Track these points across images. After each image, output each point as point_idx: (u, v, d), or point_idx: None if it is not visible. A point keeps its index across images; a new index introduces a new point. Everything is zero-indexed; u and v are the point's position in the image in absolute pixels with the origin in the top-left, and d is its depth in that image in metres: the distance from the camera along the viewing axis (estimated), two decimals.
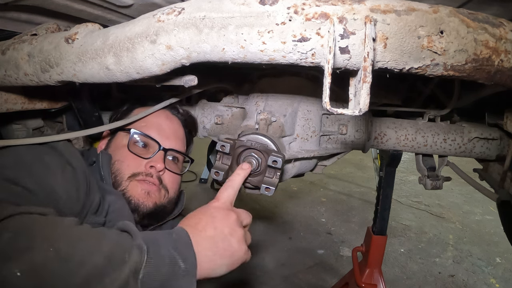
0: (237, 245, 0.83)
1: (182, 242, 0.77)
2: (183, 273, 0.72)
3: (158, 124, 1.22)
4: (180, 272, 0.72)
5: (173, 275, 0.71)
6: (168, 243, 0.75)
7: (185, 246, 0.76)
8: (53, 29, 0.98)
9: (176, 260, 0.72)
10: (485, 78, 0.71)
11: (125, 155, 1.14)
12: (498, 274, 3.53)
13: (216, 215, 0.85)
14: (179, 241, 0.77)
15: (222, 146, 1.00)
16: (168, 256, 0.72)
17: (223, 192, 0.92)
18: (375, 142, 1.45)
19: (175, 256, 0.73)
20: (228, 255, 0.82)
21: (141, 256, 0.69)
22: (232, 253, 0.82)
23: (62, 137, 1.03)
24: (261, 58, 0.69)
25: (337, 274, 3.29)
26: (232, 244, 0.83)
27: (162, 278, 0.70)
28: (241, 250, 0.84)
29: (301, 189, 5.51)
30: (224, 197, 0.91)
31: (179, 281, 0.72)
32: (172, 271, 0.71)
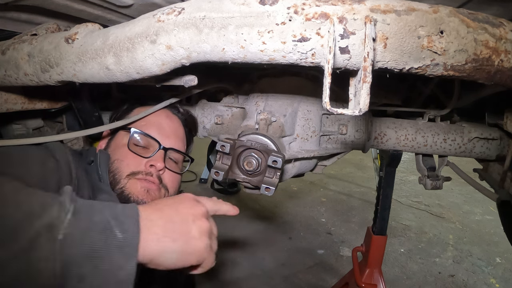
0: (197, 234, 0.73)
1: (126, 213, 0.68)
2: (119, 244, 0.63)
3: (158, 123, 1.23)
4: (115, 243, 0.63)
5: (105, 245, 0.62)
6: (108, 211, 0.66)
7: (128, 217, 0.67)
8: (53, 29, 0.98)
9: (111, 228, 0.63)
10: (485, 78, 0.71)
11: (125, 154, 1.15)
12: (498, 274, 3.53)
13: (185, 202, 0.77)
14: (123, 211, 0.68)
15: (222, 146, 1.00)
16: (102, 223, 0.64)
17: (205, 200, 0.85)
18: (375, 142, 1.45)
19: (111, 224, 0.64)
20: (182, 240, 0.71)
21: (60, 212, 0.61)
22: (188, 239, 0.72)
23: (61, 137, 1.04)
24: (261, 58, 0.69)
25: (337, 274, 3.29)
26: (191, 230, 0.73)
27: (90, 245, 0.61)
28: (201, 241, 0.73)
29: (301, 189, 5.51)
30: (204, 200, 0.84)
31: (112, 252, 0.62)
32: (104, 240, 0.62)
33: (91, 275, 0.61)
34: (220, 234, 0.84)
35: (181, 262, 0.72)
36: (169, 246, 0.69)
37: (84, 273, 0.60)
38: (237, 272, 3.28)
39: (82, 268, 0.60)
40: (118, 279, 0.62)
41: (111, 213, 0.66)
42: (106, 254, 0.62)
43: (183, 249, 0.71)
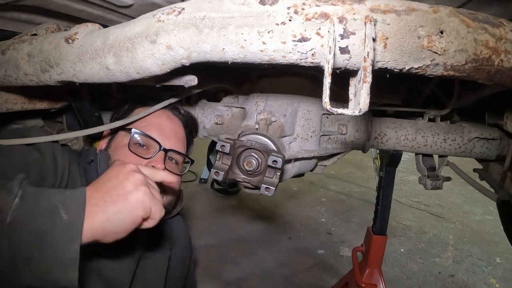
0: (132, 187, 0.75)
1: (73, 197, 0.70)
2: (64, 226, 0.65)
3: (159, 124, 1.22)
4: (60, 225, 0.65)
5: (51, 227, 0.64)
6: (57, 196, 0.69)
7: (74, 200, 0.69)
8: (53, 29, 0.98)
9: (57, 210, 0.66)
10: (485, 78, 0.71)
11: (125, 155, 1.15)
12: (498, 274, 3.53)
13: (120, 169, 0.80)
14: (70, 195, 0.70)
15: (222, 146, 1.00)
16: (48, 206, 0.66)
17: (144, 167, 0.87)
18: (375, 142, 1.45)
19: (57, 206, 0.66)
20: (121, 198, 0.73)
21: (7, 196, 0.63)
22: (125, 194, 0.74)
23: (62, 137, 1.04)
24: (261, 58, 0.69)
25: (337, 274, 3.29)
26: (126, 187, 0.75)
27: (37, 228, 0.63)
28: (138, 191, 0.75)
29: (301, 189, 5.51)
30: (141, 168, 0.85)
31: (58, 235, 0.64)
32: (50, 222, 0.65)
33: (38, 257, 0.63)
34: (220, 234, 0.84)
35: (130, 218, 0.74)
36: (111, 209, 0.72)
37: (32, 255, 0.63)
38: (237, 272, 3.28)
39: (29, 250, 0.62)
40: (64, 260, 0.65)
41: (59, 198, 0.68)
42: (52, 236, 0.64)
43: (126, 205, 0.73)
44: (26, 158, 0.92)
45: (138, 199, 0.75)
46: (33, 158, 0.93)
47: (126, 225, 0.74)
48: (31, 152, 0.95)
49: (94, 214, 0.69)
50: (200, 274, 3.03)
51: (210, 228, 4.00)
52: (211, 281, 3.10)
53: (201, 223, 4.06)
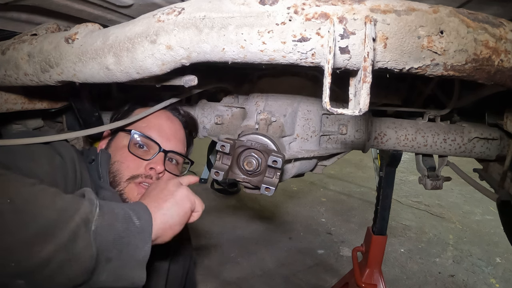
0: (174, 188, 0.92)
1: (139, 206, 0.83)
2: (137, 230, 0.77)
3: (159, 125, 1.22)
4: (135, 229, 0.76)
5: (128, 231, 0.75)
6: (125, 205, 0.81)
7: (141, 207, 0.82)
8: (53, 29, 0.98)
9: (130, 217, 0.77)
10: (485, 78, 0.71)
11: (125, 156, 1.14)
12: (498, 274, 3.53)
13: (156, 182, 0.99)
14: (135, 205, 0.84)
15: (222, 146, 1.00)
16: (123, 214, 0.77)
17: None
18: (375, 142, 1.45)
19: (130, 214, 0.78)
20: (170, 197, 0.89)
21: (92, 207, 0.73)
22: (172, 193, 0.90)
23: (61, 137, 1.04)
24: (261, 58, 0.69)
25: (337, 274, 3.29)
26: (170, 188, 0.92)
27: (116, 233, 0.74)
28: (181, 190, 0.92)
29: (301, 189, 5.51)
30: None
31: (133, 237, 0.76)
32: (127, 227, 0.75)
33: (116, 257, 0.74)
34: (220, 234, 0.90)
35: (182, 210, 0.90)
36: (165, 205, 0.87)
37: (111, 255, 0.73)
38: (237, 272, 3.28)
39: (110, 252, 0.73)
40: (137, 259, 0.76)
41: (127, 206, 0.80)
42: (128, 239, 0.75)
43: (175, 200, 0.90)
44: (52, 164, 0.94)
45: (183, 194, 0.92)
46: (58, 163, 0.95)
47: (180, 217, 0.89)
48: (54, 156, 0.97)
49: (154, 214, 0.83)
50: (200, 274, 3.03)
51: (210, 228, 4.00)
52: (211, 281, 3.10)
53: (201, 223, 4.06)
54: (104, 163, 1.12)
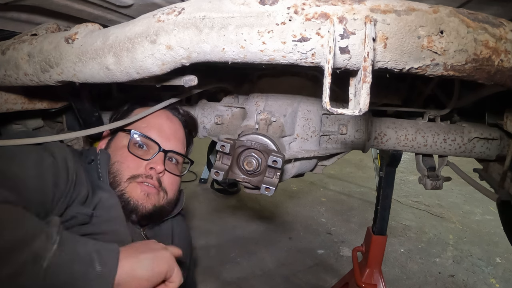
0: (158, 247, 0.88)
1: (107, 249, 0.76)
2: (97, 277, 0.70)
3: (159, 125, 1.22)
4: (94, 275, 0.70)
5: (85, 275, 0.69)
6: (92, 245, 0.74)
7: (109, 253, 0.75)
8: (53, 29, 0.98)
9: (92, 261, 0.71)
10: (485, 78, 0.71)
11: (124, 156, 1.14)
12: (498, 274, 3.53)
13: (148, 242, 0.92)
14: (104, 247, 0.76)
15: (222, 146, 1.00)
16: (84, 256, 0.71)
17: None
18: (375, 142, 1.45)
19: (93, 257, 0.71)
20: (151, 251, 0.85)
21: (47, 243, 0.67)
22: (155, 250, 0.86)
23: (61, 137, 1.04)
24: (261, 58, 0.69)
25: (337, 274, 3.29)
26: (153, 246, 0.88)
27: (71, 275, 0.67)
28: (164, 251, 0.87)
29: (301, 189, 5.50)
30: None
31: (90, 282, 0.69)
32: (85, 271, 0.69)
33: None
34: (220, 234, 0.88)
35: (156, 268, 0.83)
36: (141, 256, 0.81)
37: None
38: (237, 272, 3.28)
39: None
40: None
41: (95, 247, 0.73)
42: (84, 283, 0.68)
43: (154, 256, 0.84)
44: (41, 165, 0.91)
45: (165, 256, 0.86)
46: (48, 164, 0.93)
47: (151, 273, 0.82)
48: (46, 157, 0.94)
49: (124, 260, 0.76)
50: (200, 274, 3.03)
51: (210, 228, 4.00)
52: (211, 281, 3.10)
53: (201, 223, 4.06)
54: (104, 163, 1.12)
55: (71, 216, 0.94)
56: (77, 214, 0.95)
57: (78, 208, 0.96)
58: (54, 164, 0.94)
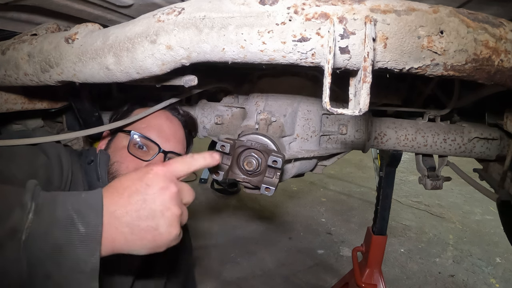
0: (165, 229, 0.69)
1: (89, 205, 0.65)
2: (81, 239, 0.62)
3: (159, 126, 1.22)
4: (77, 238, 0.62)
5: (68, 239, 0.61)
6: (70, 203, 0.65)
7: (91, 209, 0.65)
8: (53, 29, 0.98)
9: (73, 222, 0.62)
10: (485, 78, 0.71)
11: (124, 157, 1.14)
12: (498, 274, 3.53)
13: (152, 184, 0.70)
14: (85, 202, 0.65)
15: (222, 146, 1.00)
16: (64, 218, 0.62)
17: (175, 163, 0.77)
18: (375, 142, 1.45)
19: (73, 218, 0.63)
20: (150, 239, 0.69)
21: (22, 214, 0.60)
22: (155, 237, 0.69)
23: (62, 137, 1.04)
24: (261, 58, 0.69)
25: (337, 274, 3.29)
26: (159, 227, 0.69)
27: (53, 241, 0.61)
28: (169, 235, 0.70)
29: (301, 189, 5.51)
30: (172, 167, 0.75)
31: (75, 248, 0.61)
32: (67, 235, 0.61)
33: (57, 272, 0.61)
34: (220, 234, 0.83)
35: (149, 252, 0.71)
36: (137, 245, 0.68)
37: (49, 270, 0.61)
38: (237, 272, 3.28)
39: (46, 266, 0.60)
40: (83, 274, 0.62)
41: (74, 206, 0.64)
42: (69, 249, 0.61)
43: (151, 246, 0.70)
44: (34, 163, 0.91)
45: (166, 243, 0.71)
46: (41, 162, 0.92)
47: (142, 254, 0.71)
48: (39, 155, 0.94)
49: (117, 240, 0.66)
50: (200, 274, 3.03)
51: (210, 228, 4.00)
52: (211, 281, 3.10)
53: (201, 223, 4.06)
54: (103, 163, 1.12)
55: None
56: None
57: None
58: (47, 162, 0.93)
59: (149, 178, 0.71)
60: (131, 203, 0.67)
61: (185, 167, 0.78)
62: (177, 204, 0.72)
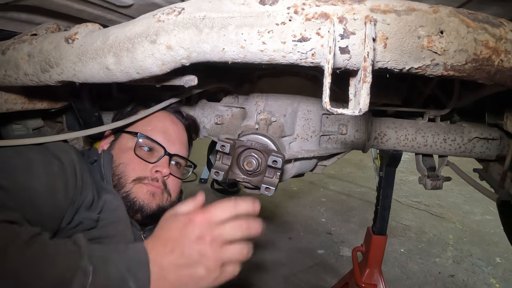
0: (204, 273, 0.76)
1: (138, 262, 0.73)
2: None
3: (164, 129, 1.23)
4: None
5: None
6: (122, 261, 0.72)
7: (139, 265, 0.72)
8: (53, 29, 0.98)
9: (126, 281, 0.69)
10: (485, 78, 0.71)
11: (130, 158, 1.15)
12: (498, 274, 3.53)
13: (190, 235, 0.77)
14: (134, 260, 0.73)
15: (222, 146, 1.00)
16: (118, 278, 0.69)
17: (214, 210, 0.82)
18: (375, 142, 1.45)
19: (126, 277, 0.70)
20: (193, 283, 0.76)
21: (85, 279, 0.66)
22: (197, 281, 0.76)
23: (61, 137, 1.03)
24: (261, 58, 0.69)
25: (337, 274, 3.29)
26: (198, 272, 0.76)
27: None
28: (209, 277, 0.77)
29: (301, 189, 5.50)
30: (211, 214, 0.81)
31: None
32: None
33: None
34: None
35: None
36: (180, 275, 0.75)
37: None
38: None
39: None
40: None
41: (125, 263, 0.71)
42: None
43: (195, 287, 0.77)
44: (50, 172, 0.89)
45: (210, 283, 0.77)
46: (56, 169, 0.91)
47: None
48: (52, 162, 0.92)
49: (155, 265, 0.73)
50: None
51: None
52: None
53: None
54: (107, 164, 1.12)
55: (77, 222, 0.93)
56: (84, 219, 0.94)
57: (84, 213, 0.95)
58: (62, 170, 0.92)
59: (188, 229, 0.78)
60: (173, 254, 0.75)
61: (226, 213, 0.82)
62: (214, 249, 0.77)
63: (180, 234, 0.77)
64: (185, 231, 0.77)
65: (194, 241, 0.76)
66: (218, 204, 0.83)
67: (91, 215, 0.97)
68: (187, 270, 0.75)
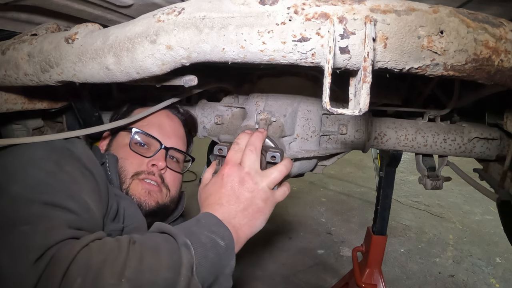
0: (263, 204, 0.90)
1: (214, 223, 0.82)
2: (224, 250, 0.79)
3: (159, 123, 1.23)
4: (222, 251, 0.79)
5: (218, 256, 0.77)
6: (203, 229, 0.80)
7: (218, 226, 0.82)
8: (53, 29, 0.98)
9: (216, 241, 0.79)
10: (485, 78, 0.71)
11: (127, 154, 1.15)
12: (498, 274, 3.53)
13: (233, 184, 0.88)
14: (210, 223, 0.82)
15: (220, 149, 1.01)
16: (209, 241, 0.78)
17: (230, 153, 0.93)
18: (375, 142, 1.45)
19: (214, 239, 0.79)
20: (260, 214, 0.90)
21: (190, 252, 0.74)
22: (262, 211, 0.90)
23: (61, 137, 1.03)
24: (261, 58, 0.69)
25: (337, 274, 3.29)
26: (259, 205, 0.89)
27: (210, 263, 0.76)
28: (268, 202, 0.91)
29: (301, 189, 5.51)
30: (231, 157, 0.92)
31: (222, 258, 0.78)
32: (216, 253, 0.78)
33: (214, 282, 0.78)
34: None
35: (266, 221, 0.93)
36: (257, 224, 0.90)
37: (211, 282, 0.78)
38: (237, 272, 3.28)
39: (209, 280, 0.77)
40: (227, 274, 0.80)
41: (206, 230, 0.80)
42: (221, 262, 0.78)
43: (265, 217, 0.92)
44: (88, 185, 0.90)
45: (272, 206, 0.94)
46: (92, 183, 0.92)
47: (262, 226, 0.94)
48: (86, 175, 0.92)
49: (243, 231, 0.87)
50: None
51: None
52: None
53: None
54: (113, 165, 1.12)
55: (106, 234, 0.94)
56: (112, 232, 0.95)
57: (111, 225, 0.96)
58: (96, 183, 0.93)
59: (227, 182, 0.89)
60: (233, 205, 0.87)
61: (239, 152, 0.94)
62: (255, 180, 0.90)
63: (225, 189, 0.88)
64: (227, 184, 0.89)
65: (239, 185, 0.88)
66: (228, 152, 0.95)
67: (117, 225, 0.98)
68: (249, 208, 0.88)
